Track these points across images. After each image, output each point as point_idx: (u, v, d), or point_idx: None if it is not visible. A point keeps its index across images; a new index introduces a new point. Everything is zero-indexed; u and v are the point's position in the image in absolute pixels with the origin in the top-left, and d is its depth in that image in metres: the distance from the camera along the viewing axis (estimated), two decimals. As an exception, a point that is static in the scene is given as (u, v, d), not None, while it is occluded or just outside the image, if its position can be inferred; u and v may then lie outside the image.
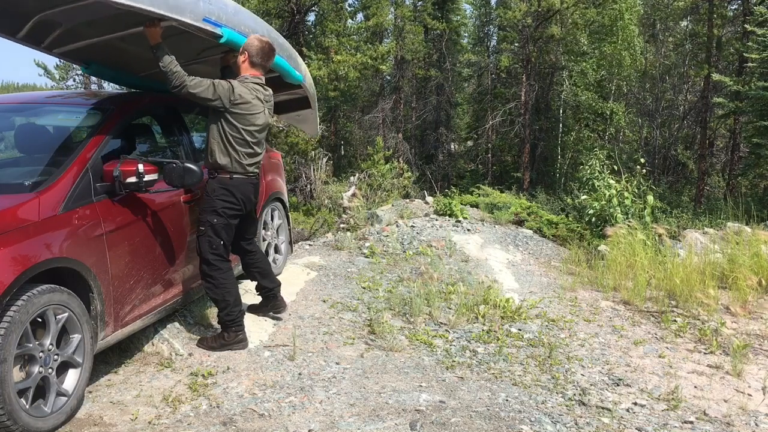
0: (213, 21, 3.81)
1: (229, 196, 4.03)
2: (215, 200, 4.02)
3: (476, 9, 33.42)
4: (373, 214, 8.35)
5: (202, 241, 4.02)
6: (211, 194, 4.02)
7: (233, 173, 4.02)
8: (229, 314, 4.10)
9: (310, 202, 18.87)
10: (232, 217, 4.08)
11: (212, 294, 4.09)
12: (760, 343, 4.93)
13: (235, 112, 3.94)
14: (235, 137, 3.98)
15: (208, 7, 3.77)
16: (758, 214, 8.21)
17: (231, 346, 4.14)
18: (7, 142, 4.47)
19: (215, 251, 4.02)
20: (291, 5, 20.35)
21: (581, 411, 3.67)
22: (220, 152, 3.98)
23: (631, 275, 6.15)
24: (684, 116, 28.74)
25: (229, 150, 3.98)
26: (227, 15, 3.96)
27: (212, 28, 3.83)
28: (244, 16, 4.27)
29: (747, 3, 23.39)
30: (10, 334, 2.83)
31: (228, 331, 4.13)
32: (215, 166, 4.02)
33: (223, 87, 3.89)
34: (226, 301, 4.07)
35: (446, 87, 29.86)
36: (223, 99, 3.88)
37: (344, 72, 19.14)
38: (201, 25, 3.73)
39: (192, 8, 3.66)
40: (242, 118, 3.97)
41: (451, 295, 5.51)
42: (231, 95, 3.89)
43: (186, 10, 3.62)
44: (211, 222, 4.00)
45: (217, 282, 4.04)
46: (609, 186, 8.36)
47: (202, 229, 4.02)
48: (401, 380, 3.88)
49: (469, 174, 30.29)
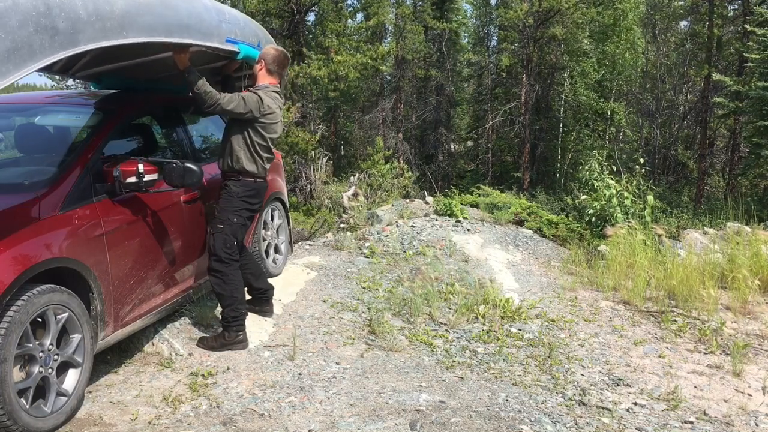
0: (232, 39, 3.99)
1: (253, 198, 4.20)
2: (238, 201, 4.14)
3: (476, 9, 33.42)
4: (373, 214, 8.34)
5: (217, 238, 4.08)
6: (235, 195, 4.14)
7: (257, 177, 4.20)
8: (235, 310, 4.12)
9: (310, 202, 18.86)
10: (249, 219, 4.24)
11: (220, 289, 4.10)
12: (760, 343, 4.93)
13: (263, 122, 4.11)
14: (261, 145, 4.15)
15: (228, 26, 3.94)
16: (758, 214, 8.20)
17: (231, 346, 4.14)
18: (7, 142, 4.47)
19: (229, 249, 4.09)
20: (291, 5, 20.32)
21: (581, 411, 3.67)
22: (247, 159, 4.13)
23: (631, 275, 6.15)
24: (684, 116, 28.75)
25: (256, 157, 4.16)
26: (241, 30, 4.13)
27: (232, 47, 4.01)
28: (252, 27, 4.40)
29: (747, 3, 23.37)
30: (10, 334, 2.83)
31: (229, 330, 4.14)
32: (242, 172, 4.14)
33: (252, 99, 4.03)
34: (234, 297, 4.11)
35: (446, 87, 29.87)
36: (254, 111, 4.04)
37: (344, 72, 19.11)
38: (224, 46, 3.92)
39: (218, 32, 3.83)
40: (268, 128, 4.15)
41: (451, 295, 5.51)
42: (261, 106, 4.05)
43: (214, 35, 3.80)
44: (231, 221, 4.10)
45: (227, 278, 4.09)
46: (609, 186, 8.36)
47: (221, 227, 4.09)
48: (401, 380, 3.88)
49: (469, 174, 30.29)
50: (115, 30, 3.05)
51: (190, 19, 3.58)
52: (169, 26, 3.41)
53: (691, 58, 28.83)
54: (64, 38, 2.80)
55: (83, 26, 2.88)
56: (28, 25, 2.65)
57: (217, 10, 3.92)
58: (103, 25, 2.98)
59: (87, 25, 2.89)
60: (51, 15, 2.74)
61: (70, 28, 2.82)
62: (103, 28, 2.98)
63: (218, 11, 3.92)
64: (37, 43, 2.69)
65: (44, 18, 2.71)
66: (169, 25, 3.41)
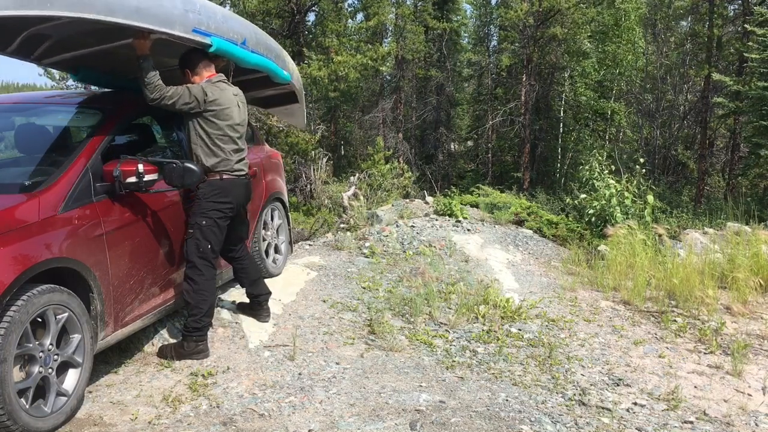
0: (202, 31, 3.83)
1: (220, 197, 4.03)
2: (205, 202, 4.00)
3: (476, 9, 33.42)
4: (373, 214, 8.34)
5: (189, 244, 3.98)
6: (202, 198, 4.00)
7: (222, 172, 4.05)
8: (198, 322, 3.98)
9: (310, 202, 18.84)
10: (222, 219, 4.05)
11: (188, 297, 3.97)
12: (760, 343, 4.93)
13: (213, 109, 3.98)
14: (217, 135, 4.01)
15: (197, 17, 3.77)
16: (758, 214, 8.19)
17: (190, 356, 4.01)
18: (7, 142, 4.47)
19: (202, 254, 3.96)
20: (291, 5, 20.31)
21: (581, 411, 3.67)
22: (205, 155, 4.01)
23: (631, 275, 6.15)
24: (684, 116, 28.74)
25: (215, 149, 4.02)
26: (216, 23, 3.96)
27: (202, 38, 3.84)
28: (233, 23, 4.27)
29: (747, 3, 23.39)
30: (10, 334, 2.83)
31: (188, 340, 4.00)
32: (206, 171, 4.01)
33: (196, 88, 3.95)
34: (199, 308, 3.97)
35: (446, 87, 29.86)
36: (199, 100, 3.93)
37: (344, 72, 19.10)
38: (191, 36, 3.75)
39: (182, 20, 3.66)
40: (221, 114, 4.01)
41: (451, 295, 5.51)
42: (204, 95, 3.95)
43: (176, 23, 3.62)
44: (199, 224, 3.97)
45: (197, 287, 3.95)
46: (608, 186, 8.37)
47: (191, 232, 3.99)
48: (401, 380, 3.88)
49: (469, 174, 30.28)
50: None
51: (143, 2, 3.37)
52: (110, 5, 3.16)
53: (691, 58, 28.83)
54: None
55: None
56: None
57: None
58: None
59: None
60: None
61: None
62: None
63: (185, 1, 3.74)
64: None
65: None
66: (110, 3, 3.16)
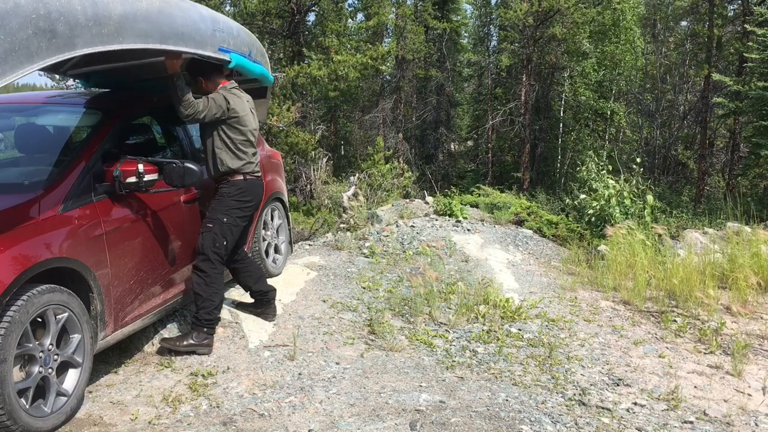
0: (225, 49, 4.03)
1: (244, 195, 4.20)
2: (229, 200, 4.14)
3: (476, 9, 33.41)
4: (373, 214, 8.34)
5: (206, 237, 4.05)
6: (226, 196, 4.15)
7: (246, 174, 4.21)
8: (211, 314, 4.04)
9: (310, 202, 18.83)
10: (242, 218, 4.21)
11: (200, 289, 4.01)
12: (760, 343, 4.93)
13: (236, 116, 4.13)
14: (240, 140, 4.17)
15: (222, 35, 3.97)
16: (758, 214, 8.20)
17: (197, 348, 4.03)
18: (7, 142, 4.47)
19: (217, 249, 4.06)
20: (291, 5, 20.29)
21: (581, 411, 3.67)
22: (230, 158, 4.15)
23: (631, 275, 6.15)
24: (684, 116, 28.73)
25: (239, 153, 4.17)
26: (234, 39, 4.16)
27: (224, 56, 4.03)
28: (242, 37, 4.41)
29: (747, 3, 23.37)
30: (10, 334, 2.83)
31: (199, 332, 4.04)
32: (229, 172, 4.16)
33: (219, 98, 4.10)
34: (211, 300, 4.03)
35: (446, 87, 29.85)
36: (224, 109, 4.08)
37: (344, 72, 19.08)
38: (217, 55, 3.95)
39: (212, 41, 3.87)
40: (242, 120, 4.16)
41: (451, 295, 5.51)
42: (227, 103, 4.09)
43: (207, 44, 3.83)
44: (220, 220, 4.08)
45: (210, 279, 4.03)
46: (608, 186, 8.37)
47: (210, 226, 4.07)
48: (401, 380, 3.88)
49: (469, 174, 30.28)
50: (112, 35, 3.06)
51: (185, 28, 3.59)
52: (164, 34, 3.43)
53: (691, 58, 28.82)
54: (61, 42, 2.81)
55: (81, 31, 2.89)
56: (28, 27, 2.66)
57: (212, 19, 3.94)
58: (101, 31, 2.99)
59: (85, 30, 2.90)
60: (50, 18, 2.74)
61: (68, 32, 2.82)
62: (100, 33, 2.99)
63: (213, 20, 3.94)
64: (34, 46, 2.70)
65: (43, 21, 2.72)
66: (164, 33, 3.43)
